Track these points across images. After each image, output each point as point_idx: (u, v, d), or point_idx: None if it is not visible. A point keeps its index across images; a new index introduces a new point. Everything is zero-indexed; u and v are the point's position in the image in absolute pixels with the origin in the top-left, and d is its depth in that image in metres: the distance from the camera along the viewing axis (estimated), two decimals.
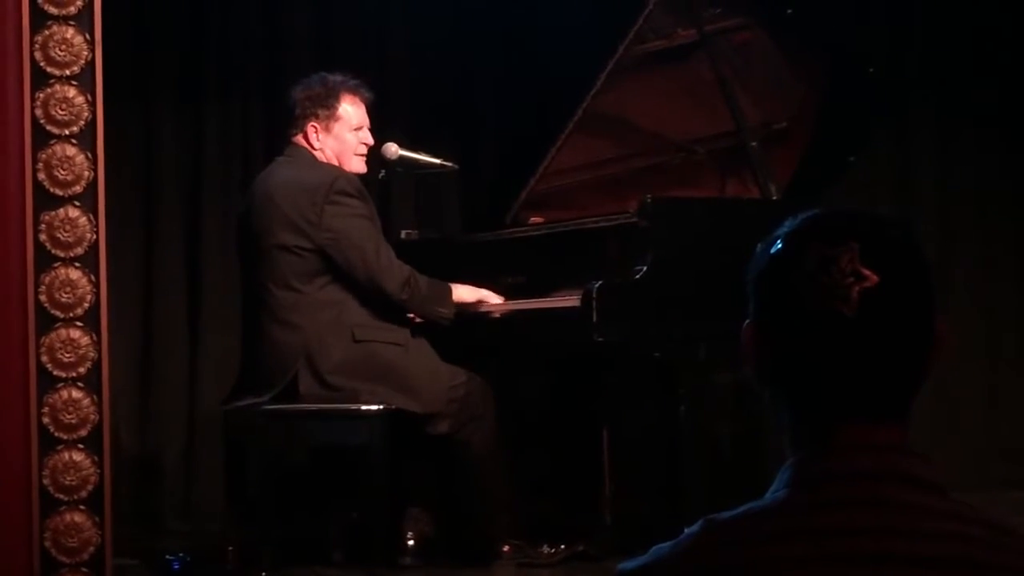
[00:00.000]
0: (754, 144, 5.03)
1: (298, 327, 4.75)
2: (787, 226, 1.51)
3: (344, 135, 4.95)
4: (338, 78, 4.99)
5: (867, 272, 1.44)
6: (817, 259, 1.45)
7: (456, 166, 5.39)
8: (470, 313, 4.97)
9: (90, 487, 4.00)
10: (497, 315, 4.98)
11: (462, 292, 4.94)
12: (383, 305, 4.84)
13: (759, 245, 1.53)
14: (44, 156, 4.07)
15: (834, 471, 1.45)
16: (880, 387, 1.47)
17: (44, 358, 4.01)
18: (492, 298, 4.98)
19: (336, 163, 4.93)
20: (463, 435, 4.82)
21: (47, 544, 3.96)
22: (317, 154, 4.93)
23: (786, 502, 1.45)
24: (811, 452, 1.47)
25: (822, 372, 1.47)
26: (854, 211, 1.51)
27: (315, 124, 4.93)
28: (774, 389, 1.51)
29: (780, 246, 1.50)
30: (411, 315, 4.95)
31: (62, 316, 4.06)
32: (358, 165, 4.98)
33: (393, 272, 4.82)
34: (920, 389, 1.50)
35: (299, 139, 4.95)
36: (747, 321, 1.53)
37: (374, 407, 4.65)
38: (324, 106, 4.93)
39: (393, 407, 4.68)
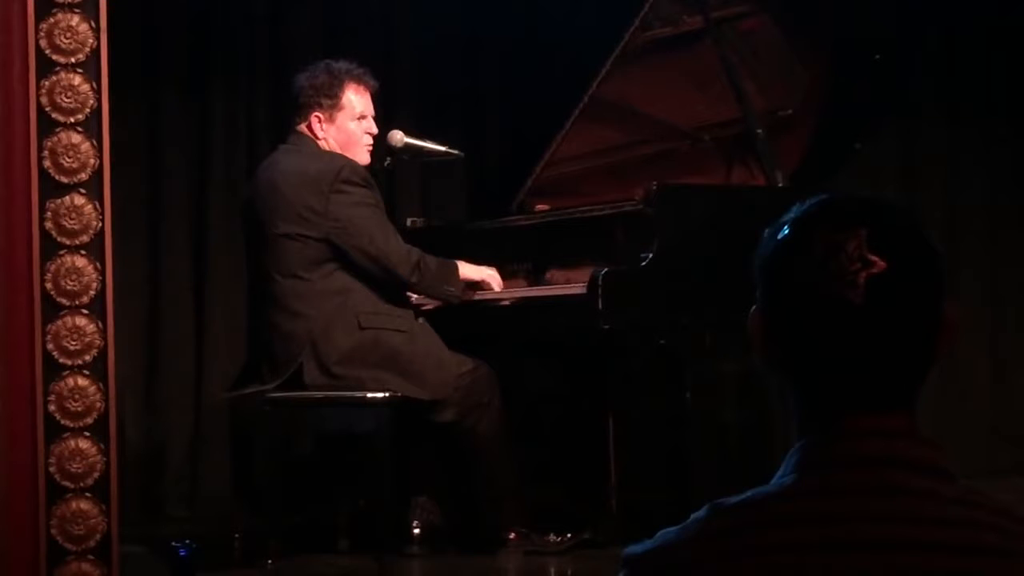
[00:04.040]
0: (760, 131, 5.02)
1: (304, 316, 4.74)
2: (794, 212, 1.51)
3: (348, 124, 4.94)
4: (343, 66, 4.97)
5: (874, 258, 1.44)
6: (824, 245, 1.45)
7: (462, 153, 5.39)
8: (478, 300, 4.97)
9: (96, 474, 4.00)
10: (507, 302, 4.99)
11: (467, 270, 4.96)
12: (389, 292, 4.84)
13: (766, 231, 1.52)
14: (49, 144, 4.06)
15: (842, 457, 1.45)
16: (888, 375, 1.46)
17: (50, 346, 4.00)
18: (495, 276, 4.98)
19: (340, 152, 4.91)
20: (469, 423, 4.83)
21: (53, 531, 3.96)
22: (321, 143, 4.92)
23: (793, 487, 1.45)
24: (819, 438, 1.47)
25: (829, 360, 1.46)
26: (862, 197, 1.51)
27: (319, 113, 4.91)
28: (782, 376, 1.51)
29: (787, 232, 1.49)
30: (419, 299, 4.95)
31: (68, 304, 4.05)
32: (362, 155, 4.97)
33: (403, 256, 4.82)
34: (928, 375, 1.49)
35: (303, 128, 4.94)
36: (754, 308, 1.53)
37: (380, 395, 4.65)
38: (328, 95, 4.91)
39: (399, 395, 4.68)
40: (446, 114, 6.37)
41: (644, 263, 4.55)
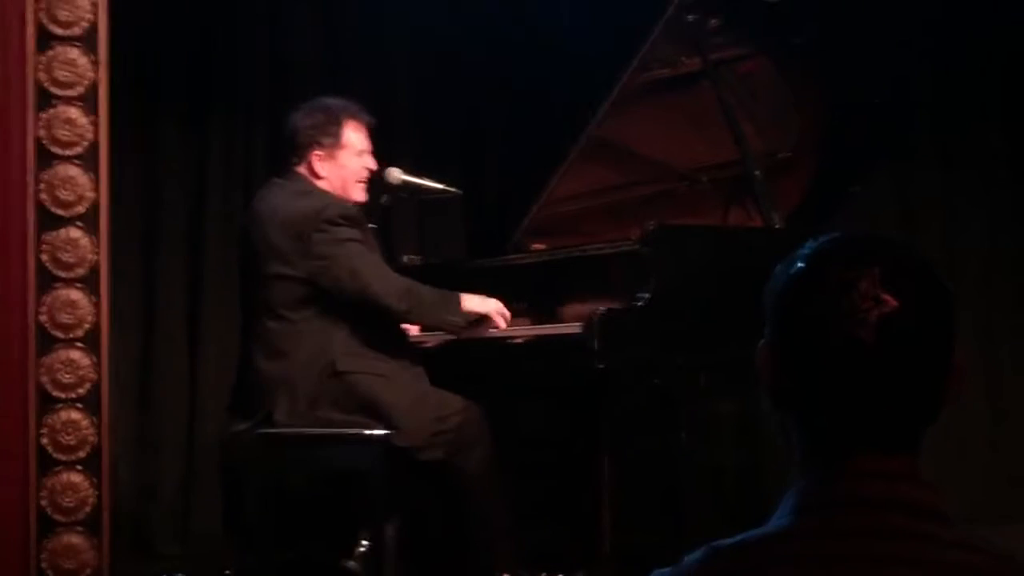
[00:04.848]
0: (758, 173, 5.03)
1: (284, 356, 4.69)
2: (808, 248, 1.50)
3: (349, 162, 4.91)
4: (338, 103, 4.94)
5: (887, 297, 1.43)
6: (837, 282, 1.44)
7: (459, 191, 5.38)
8: (480, 339, 4.92)
9: (88, 509, 3.99)
10: (520, 340, 4.93)
11: (471, 302, 4.86)
12: (372, 335, 4.75)
13: (778, 266, 1.52)
14: (47, 177, 4.07)
15: (841, 499, 1.44)
16: (894, 416, 1.46)
17: (44, 379, 4.00)
18: (501, 309, 4.90)
19: (340, 191, 4.89)
20: (457, 463, 4.77)
21: (44, 566, 3.94)
22: (322, 183, 4.86)
23: (790, 529, 1.44)
24: (819, 478, 1.46)
25: (837, 397, 1.46)
26: (876, 235, 1.50)
27: (319, 152, 4.86)
28: (787, 412, 1.50)
29: (800, 267, 1.49)
30: (419, 336, 4.91)
31: (63, 337, 4.05)
32: (360, 192, 4.94)
33: (388, 285, 4.74)
34: (936, 419, 1.49)
35: (302, 169, 4.89)
36: (762, 342, 1.52)
37: (377, 432, 4.62)
38: (327, 134, 4.87)
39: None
40: (444, 152, 6.37)
41: (641, 303, 4.54)
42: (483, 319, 4.89)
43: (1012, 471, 6.81)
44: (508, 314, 4.91)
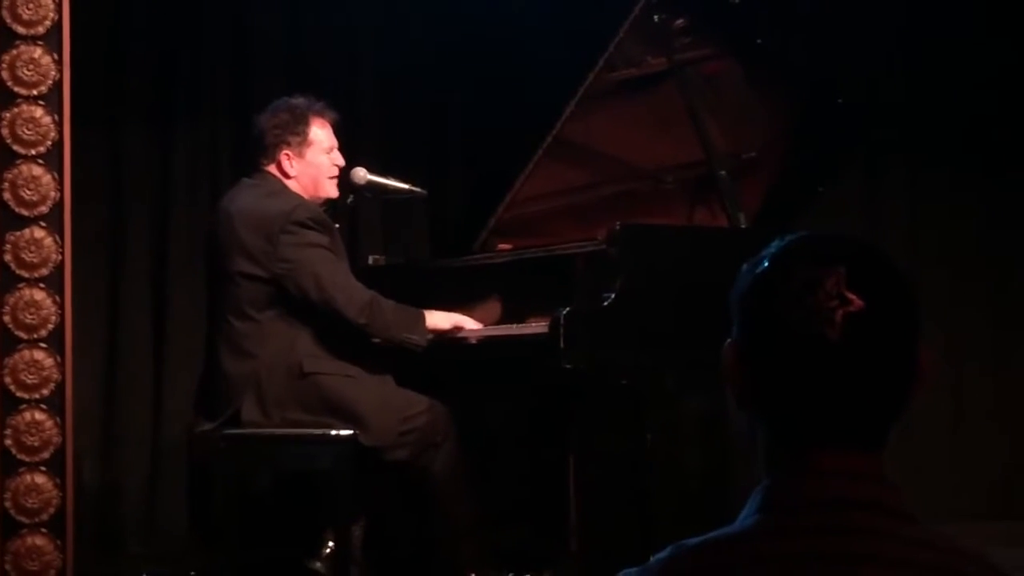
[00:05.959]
0: (723, 173, 5.04)
1: (250, 356, 4.68)
2: (773, 247, 1.51)
3: (319, 159, 4.92)
4: (303, 102, 4.94)
5: (852, 296, 1.44)
6: (803, 281, 1.45)
7: (425, 191, 5.37)
8: (442, 339, 4.93)
9: (52, 510, 3.97)
10: (474, 341, 4.93)
11: (436, 319, 4.85)
12: (338, 336, 4.76)
13: (744, 265, 1.52)
14: (10, 176, 4.05)
15: (807, 497, 1.44)
16: (860, 414, 1.47)
17: (7, 379, 3.98)
18: (467, 323, 4.91)
19: (312, 188, 4.89)
20: (421, 463, 4.76)
21: (8, 567, 3.92)
22: (291, 182, 4.87)
23: (755, 528, 1.44)
24: (784, 477, 1.47)
25: (802, 396, 1.46)
26: (842, 235, 1.51)
27: (288, 151, 4.87)
28: (753, 411, 1.51)
29: (766, 266, 1.49)
30: (377, 341, 4.91)
31: (26, 337, 4.03)
32: (331, 188, 4.95)
33: (350, 295, 4.75)
34: (900, 418, 1.49)
35: (272, 168, 4.89)
36: (728, 341, 1.52)
37: (343, 432, 4.61)
38: (294, 132, 4.88)
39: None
40: (410, 152, 6.36)
41: (606, 303, 4.54)
42: (446, 332, 4.88)
43: (974, 469, 6.84)
44: (473, 323, 4.91)
